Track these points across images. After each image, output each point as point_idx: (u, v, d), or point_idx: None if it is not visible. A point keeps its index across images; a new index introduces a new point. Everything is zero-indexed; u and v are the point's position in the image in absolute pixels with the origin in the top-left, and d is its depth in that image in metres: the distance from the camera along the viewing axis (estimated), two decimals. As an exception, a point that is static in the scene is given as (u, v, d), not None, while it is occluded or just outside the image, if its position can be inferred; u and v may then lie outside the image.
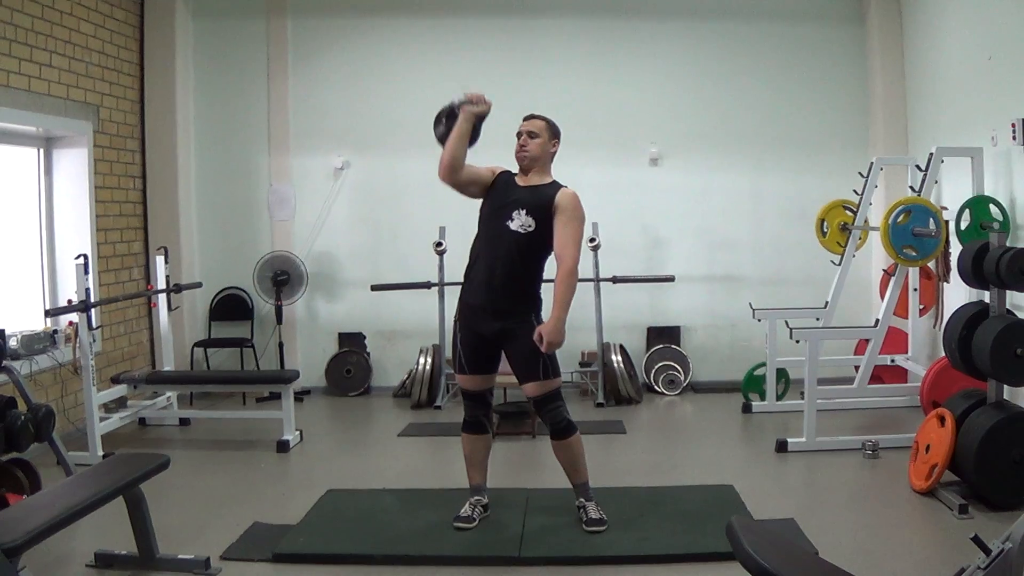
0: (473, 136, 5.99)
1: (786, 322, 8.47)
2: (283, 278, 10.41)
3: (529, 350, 5.84)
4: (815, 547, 5.55)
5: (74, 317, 7.95)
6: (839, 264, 9.27)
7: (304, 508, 6.50)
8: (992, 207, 7.89)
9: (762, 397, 9.55)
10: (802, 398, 8.08)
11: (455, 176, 5.93)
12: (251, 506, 6.66)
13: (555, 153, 6.13)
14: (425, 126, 10.31)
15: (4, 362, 6.98)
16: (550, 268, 5.96)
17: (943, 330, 7.17)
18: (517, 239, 5.86)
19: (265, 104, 10.85)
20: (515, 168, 6.15)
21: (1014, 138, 7.66)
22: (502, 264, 5.86)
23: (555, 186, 5.99)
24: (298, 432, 8.60)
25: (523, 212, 5.86)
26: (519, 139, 6.04)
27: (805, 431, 7.91)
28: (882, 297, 8.86)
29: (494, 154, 6.18)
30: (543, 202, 5.88)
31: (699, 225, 10.86)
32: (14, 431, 6.33)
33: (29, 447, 6.55)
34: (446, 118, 6.06)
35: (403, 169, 10.78)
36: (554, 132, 6.10)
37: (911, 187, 8.65)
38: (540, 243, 5.89)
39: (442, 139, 6.06)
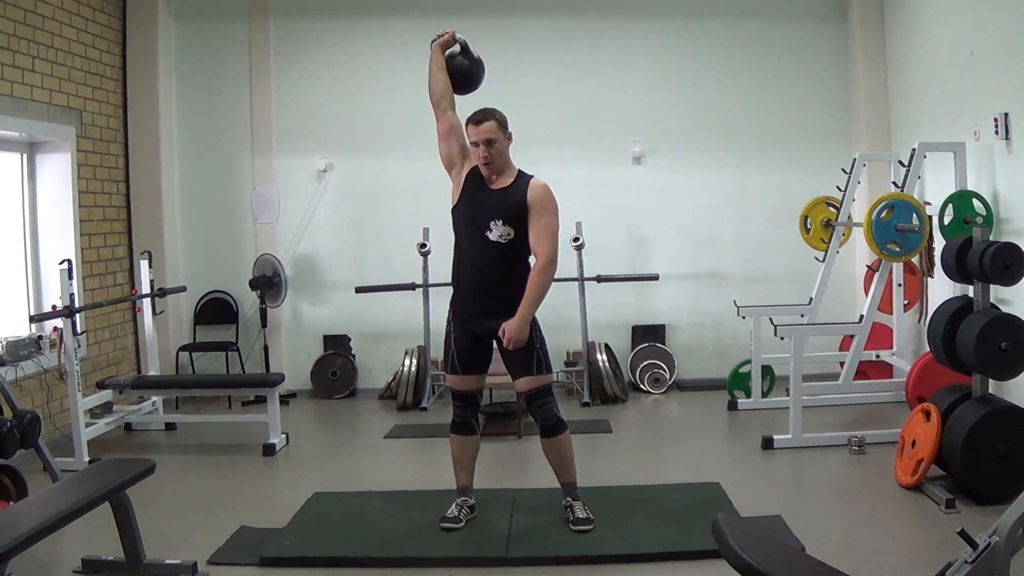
0: (463, 76, 6.33)
1: (771, 319, 8.47)
2: (276, 280, 10.39)
3: (524, 346, 5.86)
4: (802, 543, 5.56)
5: (59, 322, 7.92)
6: (823, 260, 9.30)
7: (291, 511, 6.48)
8: (975, 202, 7.91)
9: (747, 394, 9.56)
10: (787, 395, 8.09)
11: (438, 101, 6.21)
12: (238, 510, 6.64)
13: (511, 143, 6.08)
14: (407, 128, 10.38)
15: (-11, 369, 6.99)
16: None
17: (928, 325, 7.17)
18: (499, 248, 5.86)
19: (248, 106, 10.83)
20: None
21: (996, 133, 7.69)
22: (487, 272, 5.88)
23: (523, 180, 5.96)
24: (284, 435, 8.59)
25: (500, 222, 5.84)
26: (476, 148, 5.91)
27: (791, 428, 7.92)
28: (866, 293, 8.90)
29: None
30: (516, 205, 5.86)
31: (683, 223, 10.87)
32: (0, 438, 6.32)
33: (15, 453, 6.56)
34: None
35: (387, 171, 10.79)
36: (505, 125, 5.99)
37: (894, 183, 8.69)
38: (521, 247, 5.88)
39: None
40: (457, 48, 6.31)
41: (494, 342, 6.04)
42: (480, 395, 6.33)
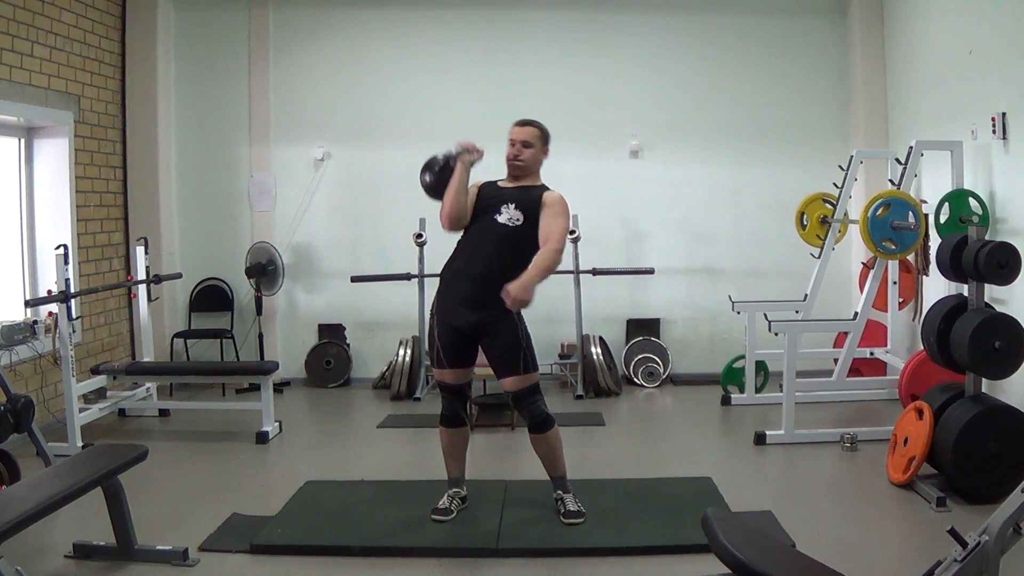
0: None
1: (765, 315, 8.48)
2: (271, 268, 10.40)
3: (508, 345, 5.85)
4: (792, 539, 5.58)
5: (54, 307, 7.92)
6: (818, 257, 9.31)
7: (283, 499, 6.50)
8: (971, 200, 7.91)
9: (741, 389, 9.58)
10: (781, 391, 8.11)
11: (460, 225, 5.97)
12: (230, 497, 6.65)
13: (545, 159, 6.12)
14: (405, 118, 10.37)
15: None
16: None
17: (922, 323, 7.18)
18: (505, 232, 5.85)
19: (246, 94, 10.83)
20: (495, 175, 6.16)
21: (994, 132, 7.69)
22: (486, 256, 5.85)
23: (543, 188, 6.02)
24: (277, 423, 8.60)
25: (512, 206, 5.86)
26: (512, 147, 6.00)
27: (784, 423, 7.93)
28: (861, 290, 8.89)
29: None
30: (531, 199, 5.89)
31: (679, 217, 10.87)
32: (-7, 422, 6.34)
33: (8, 438, 6.55)
34: (440, 169, 6.03)
35: (384, 160, 10.78)
36: (546, 139, 6.09)
37: (891, 180, 8.68)
38: (527, 238, 5.86)
39: (429, 188, 6.13)
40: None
41: (479, 341, 6.03)
42: (469, 387, 6.31)
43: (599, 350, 10.17)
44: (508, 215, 5.85)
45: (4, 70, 8.09)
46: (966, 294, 6.66)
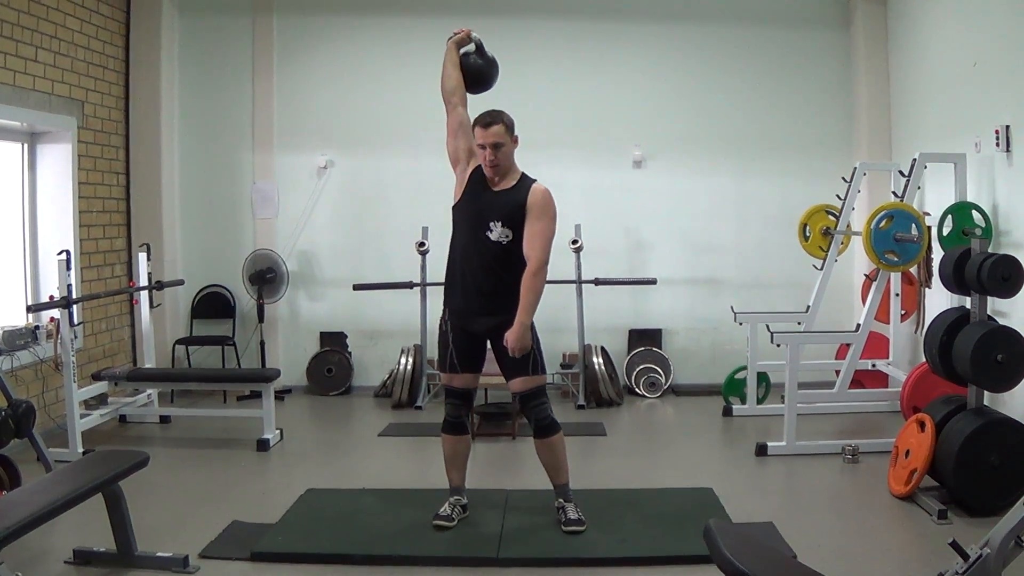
0: (477, 75, 6.32)
1: (767, 326, 8.48)
2: (270, 275, 10.39)
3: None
4: (793, 551, 5.56)
5: (56, 313, 7.91)
6: (821, 268, 9.28)
7: (283, 507, 6.49)
8: (974, 213, 7.90)
9: (743, 400, 9.57)
10: (783, 402, 8.10)
11: (448, 97, 6.17)
12: (230, 505, 6.64)
13: (516, 146, 6.06)
14: (409, 127, 10.38)
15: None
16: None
17: (924, 335, 7.18)
18: (499, 249, 5.87)
19: (250, 102, 10.83)
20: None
21: (997, 145, 7.68)
22: (486, 273, 5.90)
23: (525, 184, 5.96)
24: (278, 431, 8.58)
25: (499, 224, 5.86)
26: (483, 150, 5.88)
27: (785, 435, 7.91)
28: (863, 302, 8.88)
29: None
30: (516, 208, 5.86)
31: (682, 228, 10.87)
32: (-6, 427, 6.34)
33: (9, 443, 6.55)
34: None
35: (387, 169, 10.79)
36: (512, 129, 5.98)
37: (894, 192, 8.68)
38: (520, 249, 5.88)
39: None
40: (472, 47, 6.31)
41: (488, 342, 6.08)
42: (475, 392, 6.36)
43: (601, 360, 10.15)
44: (498, 233, 5.86)
45: (8, 75, 8.09)
46: (968, 307, 6.65)
